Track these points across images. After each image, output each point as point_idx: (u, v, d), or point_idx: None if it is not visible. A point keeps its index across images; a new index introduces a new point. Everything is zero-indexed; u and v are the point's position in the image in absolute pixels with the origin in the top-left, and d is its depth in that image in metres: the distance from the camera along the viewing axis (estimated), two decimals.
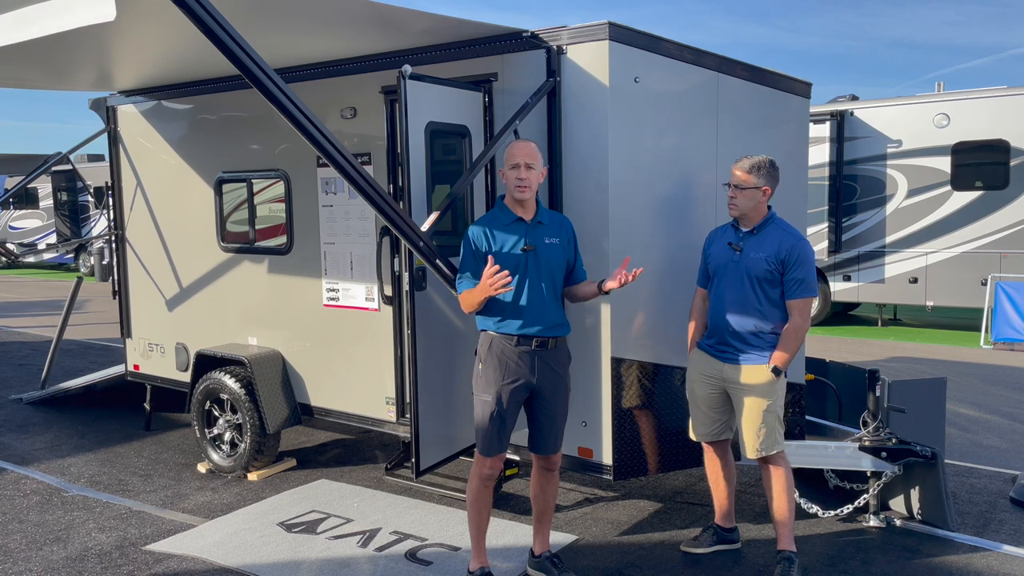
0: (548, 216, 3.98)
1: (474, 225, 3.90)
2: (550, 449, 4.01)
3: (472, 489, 3.99)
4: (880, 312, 13.08)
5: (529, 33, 4.48)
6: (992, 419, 7.28)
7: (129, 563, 4.42)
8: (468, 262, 3.85)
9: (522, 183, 3.79)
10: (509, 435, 3.92)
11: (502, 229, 3.85)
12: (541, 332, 3.84)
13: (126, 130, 6.76)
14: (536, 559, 4.17)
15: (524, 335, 3.82)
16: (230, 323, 6.14)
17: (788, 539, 4.17)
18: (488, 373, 3.85)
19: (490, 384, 3.84)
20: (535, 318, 3.83)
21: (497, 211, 3.93)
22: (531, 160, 3.81)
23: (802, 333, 4.10)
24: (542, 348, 3.85)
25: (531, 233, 3.86)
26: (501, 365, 3.83)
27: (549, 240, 3.90)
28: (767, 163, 4.12)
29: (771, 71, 5.28)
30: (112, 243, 6.99)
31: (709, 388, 4.26)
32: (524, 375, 3.83)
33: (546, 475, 4.09)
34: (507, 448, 3.96)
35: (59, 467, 6.09)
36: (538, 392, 3.90)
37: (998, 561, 4.34)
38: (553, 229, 3.94)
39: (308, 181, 5.55)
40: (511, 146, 3.88)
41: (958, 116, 11.41)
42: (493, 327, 3.86)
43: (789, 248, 4.05)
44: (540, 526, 4.18)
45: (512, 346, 3.82)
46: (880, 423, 4.76)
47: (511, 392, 3.83)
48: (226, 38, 3.17)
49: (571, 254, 3.99)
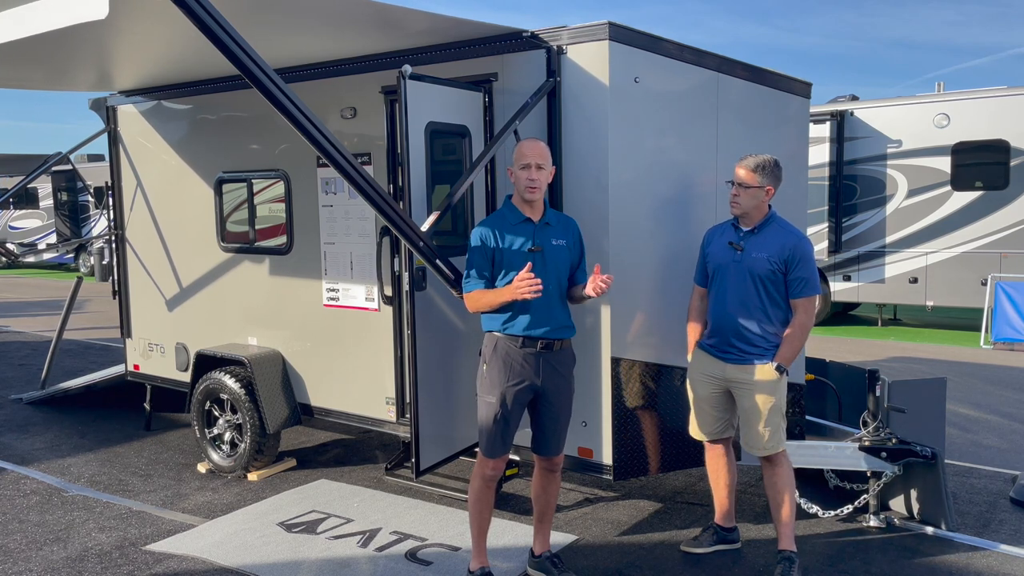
0: (555, 217, 3.97)
1: (482, 225, 3.88)
2: (553, 451, 4.01)
3: (474, 489, 3.98)
4: (880, 312, 13.08)
5: (529, 33, 4.47)
6: (992, 419, 7.28)
7: (129, 563, 4.42)
8: (478, 262, 3.82)
9: (533, 183, 3.78)
10: (513, 436, 3.92)
11: (510, 229, 3.84)
12: (547, 334, 3.83)
13: (126, 130, 6.76)
14: (536, 559, 4.17)
15: (530, 336, 3.81)
16: (230, 323, 6.14)
17: (788, 539, 4.17)
18: (493, 374, 3.84)
19: (495, 385, 3.83)
20: (541, 319, 3.81)
21: (505, 211, 3.92)
22: (542, 160, 3.80)
23: (807, 331, 4.11)
24: (547, 350, 3.84)
25: (539, 234, 3.86)
26: (506, 367, 3.81)
27: (556, 241, 3.89)
28: (771, 162, 4.12)
29: (771, 71, 5.28)
30: (112, 243, 6.99)
31: (711, 387, 4.26)
32: (529, 377, 3.83)
33: (548, 476, 4.09)
34: (510, 449, 3.96)
35: (59, 467, 6.09)
36: (543, 394, 3.89)
37: (998, 561, 4.34)
38: (560, 230, 3.93)
39: (308, 181, 5.55)
40: (521, 145, 3.86)
41: (958, 116, 11.41)
42: (499, 328, 3.85)
43: (792, 247, 4.05)
44: (541, 526, 4.18)
45: (518, 347, 3.81)
46: (880, 423, 4.76)
47: (516, 394, 3.82)
48: (226, 38, 3.17)
49: (576, 256, 3.98)
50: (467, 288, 3.86)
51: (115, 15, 3.26)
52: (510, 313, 3.81)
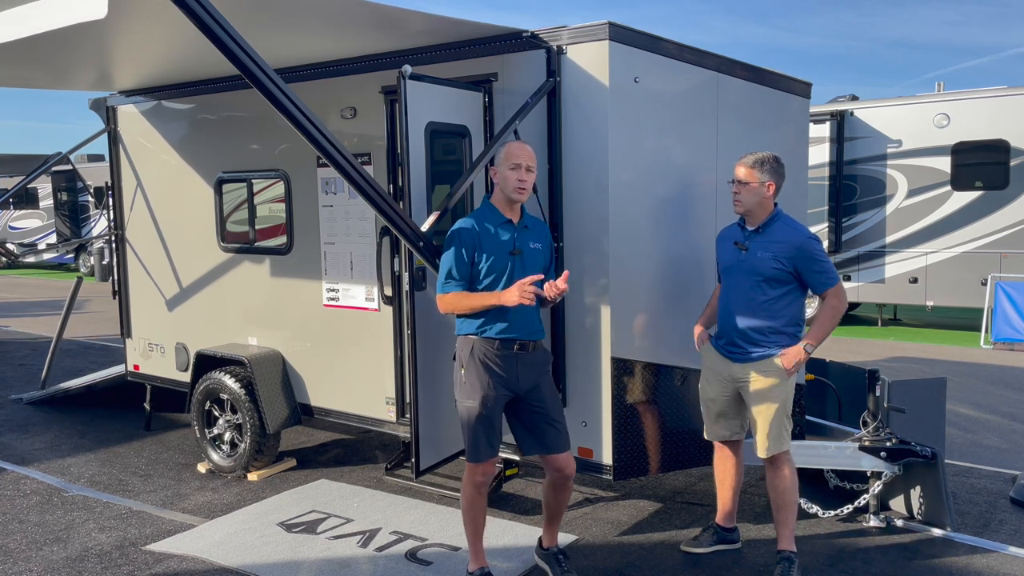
0: (531, 221, 3.96)
1: (461, 224, 3.81)
2: (561, 447, 3.93)
3: (466, 496, 3.95)
4: (880, 312, 13.08)
5: (529, 33, 4.47)
6: (992, 419, 7.28)
7: (129, 563, 4.42)
8: (457, 262, 3.76)
9: (523, 184, 3.78)
10: (498, 439, 3.89)
11: (492, 230, 3.80)
12: (522, 336, 3.82)
13: (126, 130, 6.76)
14: (544, 551, 4.18)
15: (506, 339, 3.79)
16: (230, 323, 6.14)
17: (789, 539, 4.17)
18: (472, 378, 3.81)
19: (475, 389, 3.80)
20: (517, 323, 3.79)
21: (486, 211, 3.87)
22: (532, 163, 3.81)
23: (839, 314, 4.06)
24: (523, 351, 3.84)
25: (519, 236, 3.85)
26: (485, 369, 3.79)
27: (533, 245, 3.89)
28: (771, 158, 4.11)
29: (771, 71, 5.28)
30: (112, 243, 6.99)
31: (721, 388, 4.25)
32: (507, 379, 3.82)
33: (560, 484, 4.01)
34: (497, 452, 3.93)
35: (59, 467, 6.09)
36: (524, 395, 3.88)
37: (998, 561, 4.34)
38: (536, 234, 3.93)
39: (308, 181, 5.55)
40: (510, 146, 3.84)
41: (958, 116, 11.41)
42: (475, 331, 3.82)
43: (798, 248, 4.03)
44: (550, 526, 4.18)
45: (494, 350, 3.79)
46: (880, 423, 4.76)
47: (496, 396, 3.81)
48: (226, 38, 3.17)
49: (547, 260, 3.98)
50: (444, 290, 3.79)
51: (114, 15, 3.26)
52: (487, 316, 3.78)
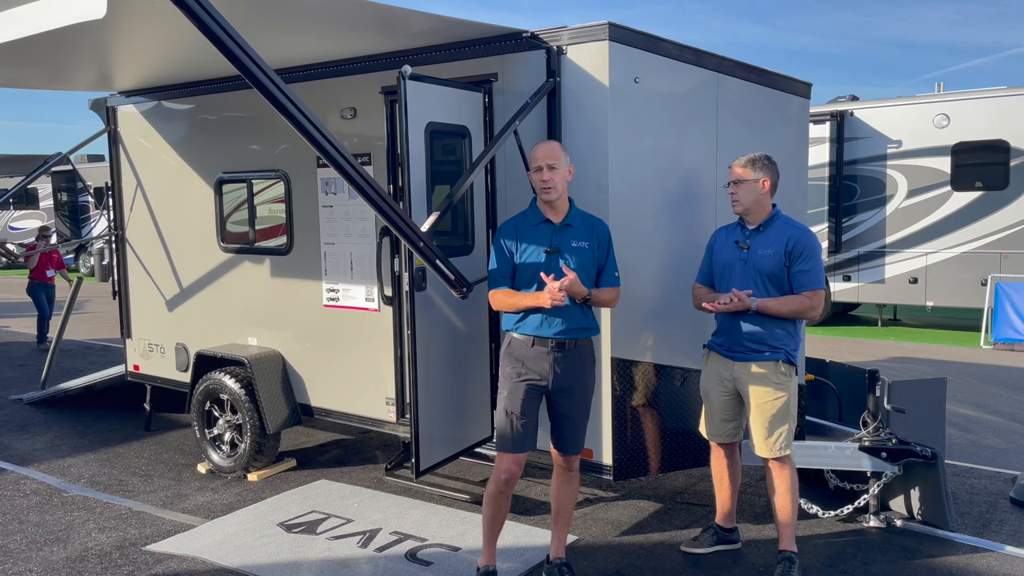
0: (581, 219, 3.97)
1: (504, 225, 3.97)
2: (567, 448, 4.01)
3: (489, 491, 3.98)
4: (880, 312, 13.08)
5: (529, 33, 4.48)
6: (992, 419, 7.28)
7: (129, 563, 4.42)
8: (500, 261, 3.91)
9: (547, 184, 3.82)
10: (525, 438, 3.87)
11: (530, 230, 3.90)
12: (558, 334, 3.85)
13: (126, 130, 6.76)
14: (548, 564, 4.15)
15: (540, 336, 3.85)
16: (230, 323, 6.14)
17: (789, 539, 4.17)
18: (505, 371, 3.91)
19: (506, 381, 3.90)
20: (554, 320, 3.83)
21: (528, 211, 3.98)
22: (553, 161, 3.81)
23: (801, 309, 4.02)
24: (560, 350, 3.86)
25: (557, 235, 3.88)
26: (516, 364, 3.88)
27: (577, 244, 3.89)
28: (762, 156, 4.16)
29: (771, 71, 5.28)
30: (112, 243, 6.99)
31: (721, 389, 4.25)
32: (538, 375, 3.84)
33: (564, 475, 4.09)
34: (524, 450, 3.90)
35: (59, 467, 6.09)
36: (554, 393, 3.90)
37: (998, 561, 4.34)
38: (583, 232, 3.93)
39: (308, 181, 5.55)
40: (534, 148, 3.91)
41: (958, 116, 11.41)
42: (512, 327, 3.91)
43: (795, 240, 4.04)
44: (556, 528, 4.16)
45: (528, 347, 3.86)
46: (880, 423, 4.76)
47: (524, 391, 3.84)
48: (226, 38, 3.16)
49: (601, 258, 3.97)
50: (492, 287, 3.94)
51: (114, 15, 3.26)
52: (523, 313, 3.86)
